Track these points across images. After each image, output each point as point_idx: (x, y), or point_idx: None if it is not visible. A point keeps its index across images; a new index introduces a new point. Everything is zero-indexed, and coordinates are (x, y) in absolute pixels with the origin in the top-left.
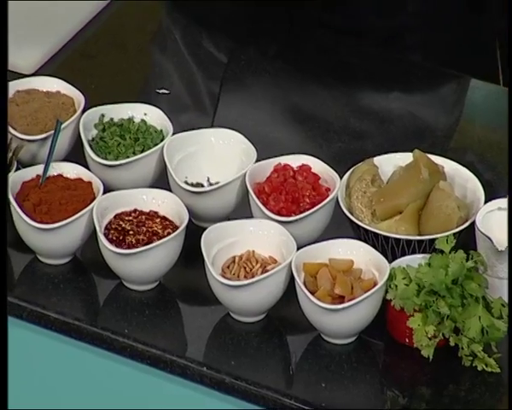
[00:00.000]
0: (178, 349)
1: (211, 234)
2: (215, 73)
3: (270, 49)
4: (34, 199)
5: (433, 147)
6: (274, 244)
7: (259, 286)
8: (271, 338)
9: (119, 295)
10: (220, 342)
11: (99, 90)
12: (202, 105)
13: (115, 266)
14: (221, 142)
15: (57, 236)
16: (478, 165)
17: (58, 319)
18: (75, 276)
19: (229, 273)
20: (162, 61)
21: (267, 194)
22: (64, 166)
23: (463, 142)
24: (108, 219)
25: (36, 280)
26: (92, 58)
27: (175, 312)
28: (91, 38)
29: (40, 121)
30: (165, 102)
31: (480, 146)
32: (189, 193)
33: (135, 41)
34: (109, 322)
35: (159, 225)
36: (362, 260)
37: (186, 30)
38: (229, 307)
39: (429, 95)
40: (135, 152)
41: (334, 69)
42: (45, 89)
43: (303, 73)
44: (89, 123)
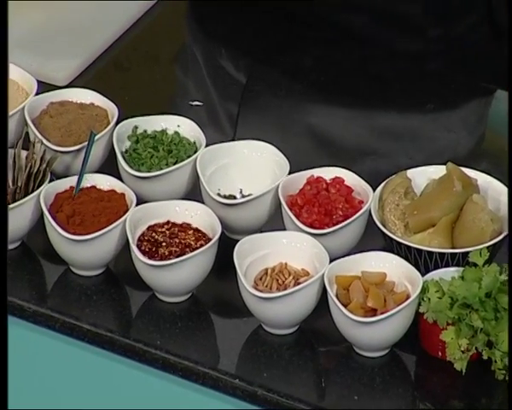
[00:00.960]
0: (211, 361)
1: (243, 246)
2: (234, 94)
3: (290, 69)
4: (67, 210)
5: (465, 160)
6: (306, 257)
7: (292, 298)
8: (303, 351)
9: (151, 307)
10: (252, 355)
11: (132, 102)
12: (221, 126)
13: (148, 278)
14: (254, 154)
15: (90, 247)
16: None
17: (90, 331)
18: (108, 287)
19: (261, 285)
20: (184, 79)
21: (300, 206)
22: (97, 177)
23: (495, 155)
24: (141, 230)
25: (69, 291)
26: (126, 70)
27: (207, 324)
28: (125, 49)
29: (74, 133)
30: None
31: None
32: (222, 205)
33: (168, 53)
34: (142, 334)
35: (191, 237)
36: (395, 272)
37: (206, 48)
38: (261, 319)
39: (460, 108)
40: (168, 164)
41: (355, 88)
42: (79, 100)
43: (324, 93)
44: (122, 135)
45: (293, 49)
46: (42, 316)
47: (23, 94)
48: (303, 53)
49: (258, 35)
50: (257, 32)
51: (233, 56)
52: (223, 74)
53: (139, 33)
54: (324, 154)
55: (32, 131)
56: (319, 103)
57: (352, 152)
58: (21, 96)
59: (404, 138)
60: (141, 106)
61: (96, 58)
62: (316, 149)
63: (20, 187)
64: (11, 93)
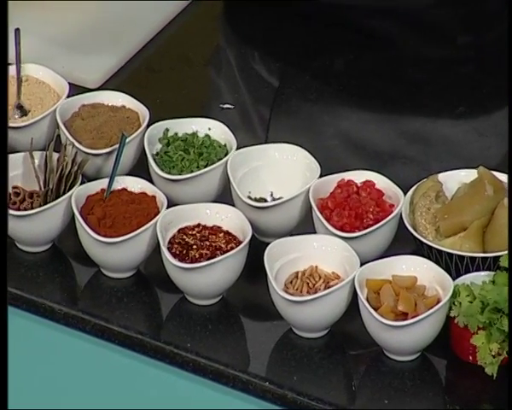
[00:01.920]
0: (241, 364)
1: (274, 249)
2: (265, 97)
3: (322, 73)
4: (99, 213)
5: (497, 164)
6: (337, 260)
7: (322, 302)
8: (334, 354)
9: (182, 310)
10: (283, 358)
11: (163, 105)
12: (252, 129)
13: (178, 281)
14: (285, 157)
15: (121, 249)
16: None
17: (121, 333)
18: (138, 290)
19: (291, 289)
20: (215, 82)
21: (330, 209)
22: (128, 180)
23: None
24: (172, 233)
25: (99, 294)
26: (157, 72)
27: (238, 327)
28: (156, 52)
29: (105, 135)
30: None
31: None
32: (253, 208)
33: (200, 55)
34: (172, 336)
35: (222, 240)
36: (425, 276)
37: (239, 51)
38: (291, 322)
39: (491, 112)
40: (199, 166)
41: (386, 92)
42: (110, 103)
43: (355, 97)
44: (153, 137)
45: (324, 53)
46: (73, 318)
47: (55, 96)
48: (335, 57)
49: (291, 39)
50: (289, 35)
51: (265, 60)
52: (255, 77)
53: (171, 35)
54: (355, 157)
55: (64, 133)
56: (350, 107)
57: (382, 155)
58: (53, 99)
59: (435, 142)
60: (172, 108)
61: (127, 60)
62: (347, 152)
63: (52, 189)
64: (43, 95)
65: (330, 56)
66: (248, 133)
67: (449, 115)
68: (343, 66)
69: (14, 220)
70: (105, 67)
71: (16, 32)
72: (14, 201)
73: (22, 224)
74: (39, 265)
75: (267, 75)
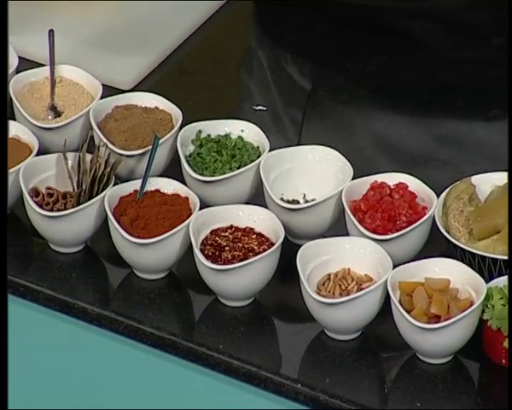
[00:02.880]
0: (273, 366)
1: (306, 251)
2: (298, 99)
3: (354, 74)
4: (131, 214)
5: None
6: (370, 262)
7: (355, 304)
8: (366, 356)
9: (214, 311)
10: (315, 360)
11: (196, 107)
12: (285, 131)
13: (211, 282)
14: (317, 159)
15: (154, 251)
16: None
17: (154, 334)
18: (171, 291)
19: (324, 291)
20: (248, 84)
21: (363, 212)
22: (161, 181)
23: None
24: (204, 234)
25: (132, 295)
26: (190, 74)
27: (270, 328)
28: (189, 54)
29: (138, 137)
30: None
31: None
32: (285, 210)
33: (233, 57)
34: (204, 338)
35: (254, 242)
36: (458, 279)
37: (271, 53)
38: (324, 324)
39: None
40: (231, 168)
41: (419, 94)
42: (143, 104)
43: (387, 98)
44: (186, 139)
45: (357, 55)
46: (105, 319)
47: (88, 98)
48: (367, 59)
49: (323, 41)
50: (321, 37)
51: (298, 62)
52: (287, 79)
53: (204, 37)
54: (388, 159)
55: (97, 134)
56: (383, 109)
57: (415, 158)
58: (86, 100)
59: (468, 144)
60: (205, 110)
61: (161, 62)
62: (379, 154)
63: (85, 190)
64: (77, 96)
65: (363, 58)
66: (281, 135)
67: (482, 117)
68: (376, 67)
69: (48, 221)
70: (138, 68)
71: (50, 33)
72: (48, 201)
73: (55, 224)
74: (72, 266)
75: (299, 77)
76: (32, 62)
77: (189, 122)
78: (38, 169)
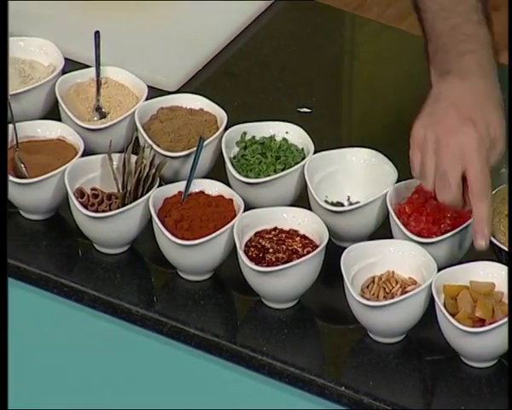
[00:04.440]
0: (317, 368)
1: (350, 254)
2: (343, 103)
3: None
4: (176, 215)
5: None
6: (414, 265)
7: (399, 307)
8: (410, 360)
9: (258, 313)
10: (359, 362)
11: (241, 108)
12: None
13: (255, 284)
14: (362, 161)
15: (198, 252)
16: None
17: (197, 335)
18: (215, 292)
19: (368, 293)
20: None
21: (408, 214)
22: (206, 183)
23: None
24: (249, 236)
25: (176, 296)
26: (235, 76)
27: (314, 331)
28: (235, 56)
29: (183, 138)
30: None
31: None
32: (330, 212)
33: (278, 60)
34: (248, 339)
35: (298, 244)
36: (503, 283)
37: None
38: (368, 327)
39: None
40: (276, 170)
41: None
42: (189, 106)
43: None
44: (231, 140)
45: None
46: (149, 320)
47: (133, 99)
48: None
49: None
50: None
51: None
52: (332, 82)
53: (250, 39)
54: None
55: (142, 136)
56: None
57: None
58: (132, 101)
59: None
60: (250, 112)
61: (206, 64)
62: None
63: (130, 191)
64: (122, 98)
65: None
66: (326, 137)
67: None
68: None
69: (93, 222)
70: (184, 70)
71: (96, 34)
72: (93, 202)
73: (100, 225)
74: (117, 267)
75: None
76: (77, 64)
77: (234, 124)
78: (84, 170)
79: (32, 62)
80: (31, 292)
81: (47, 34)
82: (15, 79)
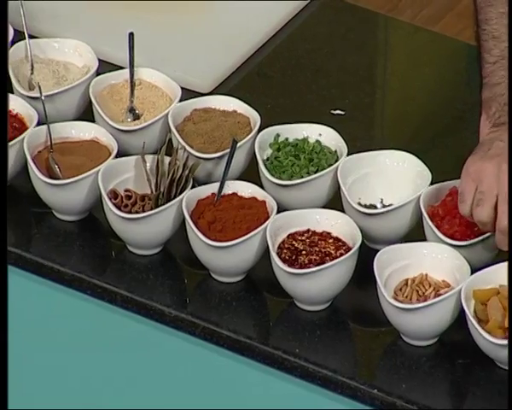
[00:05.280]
0: (349, 371)
1: (384, 256)
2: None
3: None
4: (209, 217)
5: None
6: (447, 268)
7: (432, 310)
8: (443, 363)
9: (290, 315)
10: (391, 365)
11: (274, 110)
12: (363, 136)
13: (287, 286)
14: (395, 164)
15: (231, 254)
16: None
17: (230, 337)
18: (248, 294)
19: (401, 296)
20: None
21: (441, 217)
22: (239, 184)
23: None
24: (281, 238)
25: (209, 297)
26: (269, 78)
27: (346, 333)
28: (268, 57)
29: (216, 140)
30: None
31: None
32: (363, 214)
33: (312, 61)
34: (281, 341)
35: (331, 246)
36: None
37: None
38: (400, 329)
39: None
40: (309, 172)
41: None
42: (222, 108)
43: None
44: (264, 142)
45: None
46: (182, 321)
47: (167, 100)
48: None
49: None
50: None
51: None
52: (365, 84)
53: (283, 41)
54: None
55: (176, 137)
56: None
57: None
58: (165, 103)
59: None
60: (283, 114)
61: (239, 65)
62: (457, 160)
63: (163, 193)
64: (156, 99)
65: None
66: (359, 139)
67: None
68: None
69: (126, 223)
70: (217, 71)
71: (130, 36)
72: (126, 204)
73: (134, 227)
74: (150, 268)
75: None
76: (111, 65)
77: (267, 126)
78: (117, 171)
79: (66, 64)
80: (63, 293)
81: (81, 36)
82: (50, 80)
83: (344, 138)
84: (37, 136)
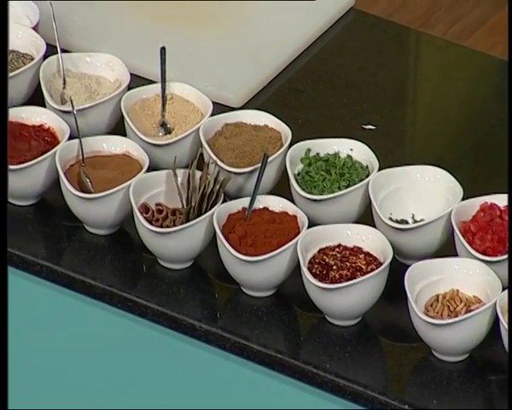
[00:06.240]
0: (380, 386)
1: (414, 271)
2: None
3: None
4: (240, 231)
5: None
6: (479, 284)
7: (463, 326)
8: (474, 378)
9: (321, 330)
10: (422, 381)
11: (306, 125)
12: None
13: (318, 301)
14: (427, 179)
15: (261, 268)
16: None
17: (260, 351)
18: (278, 309)
19: (432, 311)
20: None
21: (473, 233)
22: (270, 199)
23: None
24: (312, 253)
25: (240, 312)
26: (300, 92)
27: (377, 348)
28: (299, 72)
29: (247, 154)
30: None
31: None
32: (394, 230)
33: (343, 76)
34: (311, 356)
35: (362, 261)
36: None
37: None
38: (431, 345)
39: None
40: (340, 187)
41: None
42: (253, 122)
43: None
44: (295, 157)
45: None
46: (213, 335)
47: (198, 115)
48: None
49: None
50: None
51: None
52: (396, 99)
53: (314, 56)
54: (498, 180)
55: (207, 151)
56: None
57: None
58: (197, 117)
59: None
60: (314, 129)
61: (270, 80)
62: (489, 175)
63: (194, 207)
64: (187, 113)
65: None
66: (390, 154)
67: None
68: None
69: (157, 237)
70: (248, 86)
71: (162, 50)
72: (157, 218)
73: (164, 241)
74: (181, 282)
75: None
76: (143, 79)
77: (298, 140)
78: (148, 185)
79: (98, 78)
80: (94, 306)
81: (113, 50)
82: (82, 94)
83: (375, 153)
84: (68, 150)
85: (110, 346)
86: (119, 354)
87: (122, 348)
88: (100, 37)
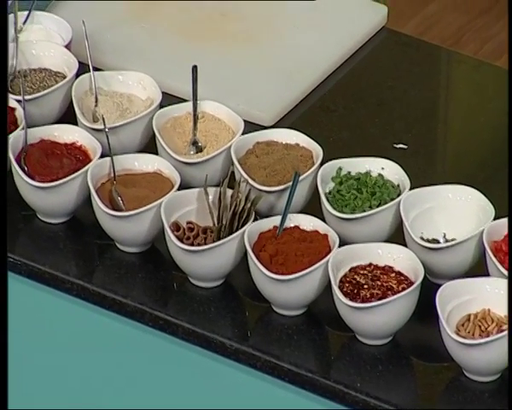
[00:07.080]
0: (411, 406)
1: (446, 291)
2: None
3: None
4: (271, 250)
5: None
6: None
7: (495, 346)
8: (506, 398)
9: (352, 349)
10: (453, 401)
11: (337, 144)
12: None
13: (349, 320)
14: (458, 198)
15: (292, 287)
16: None
17: (291, 370)
18: (309, 328)
19: (463, 331)
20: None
21: (504, 252)
22: (301, 218)
23: None
24: (343, 272)
25: (270, 330)
26: (331, 111)
27: (408, 368)
28: (331, 91)
29: (278, 173)
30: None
31: None
32: (425, 249)
33: (374, 95)
34: (342, 375)
35: (393, 280)
36: None
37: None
38: (463, 365)
39: None
40: (371, 206)
41: None
42: (284, 141)
43: None
44: (326, 176)
45: None
46: (243, 354)
47: (230, 133)
48: None
49: None
50: None
51: None
52: (427, 117)
53: (345, 75)
54: None
55: (238, 170)
56: None
57: None
58: (228, 136)
59: None
60: (345, 147)
61: (302, 99)
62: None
63: (225, 225)
64: (219, 132)
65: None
66: (422, 173)
67: None
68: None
69: (188, 255)
70: (280, 105)
71: (193, 69)
72: (188, 236)
73: (196, 259)
74: (211, 300)
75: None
76: (174, 97)
77: (330, 159)
78: (180, 203)
79: (130, 96)
80: (125, 324)
81: (145, 68)
82: (113, 112)
83: (407, 172)
84: (100, 168)
85: (141, 364)
86: (150, 372)
87: (153, 366)
88: (132, 55)
